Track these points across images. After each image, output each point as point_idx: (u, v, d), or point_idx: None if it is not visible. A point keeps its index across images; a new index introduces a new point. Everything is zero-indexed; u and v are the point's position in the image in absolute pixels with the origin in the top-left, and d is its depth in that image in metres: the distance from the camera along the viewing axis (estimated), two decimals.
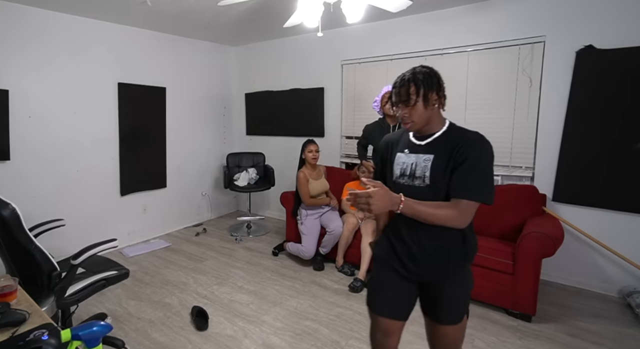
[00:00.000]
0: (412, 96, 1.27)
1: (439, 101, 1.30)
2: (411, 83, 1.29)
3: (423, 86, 1.28)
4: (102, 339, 1.02)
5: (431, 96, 1.28)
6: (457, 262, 1.33)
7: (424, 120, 1.29)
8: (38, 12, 3.08)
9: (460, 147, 1.22)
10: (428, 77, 1.31)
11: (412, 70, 1.33)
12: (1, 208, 1.65)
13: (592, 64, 2.68)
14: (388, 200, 1.15)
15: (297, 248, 3.36)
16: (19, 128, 3.04)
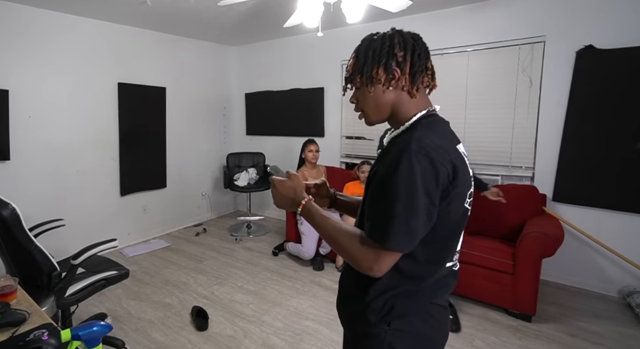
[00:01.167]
0: (354, 74, 0.89)
1: (395, 80, 0.82)
2: (354, 54, 0.90)
3: (365, 59, 0.84)
4: (102, 339, 1.02)
5: (376, 73, 0.82)
6: (357, 321, 0.89)
7: (375, 110, 0.88)
8: (38, 12, 3.08)
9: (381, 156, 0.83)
10: (374, 44, 0.84)
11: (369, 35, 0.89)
12: (1, 208, 1.65)
13: (592, 64, 2.68)
14: (289, 198, 0.89)
15: (297, 248, 3.36)
16: (19, 128, 3.04)
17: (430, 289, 0.84)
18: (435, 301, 0.87)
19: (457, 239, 0.87)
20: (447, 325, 0.94)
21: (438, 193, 0.74)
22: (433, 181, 0.73)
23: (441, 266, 0.84)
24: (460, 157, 0.80)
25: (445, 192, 0.75)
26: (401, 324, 0.83)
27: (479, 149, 3.28)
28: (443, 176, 0.74)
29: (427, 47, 0.86)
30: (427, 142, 0.75)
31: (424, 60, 0.84)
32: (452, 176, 0.75)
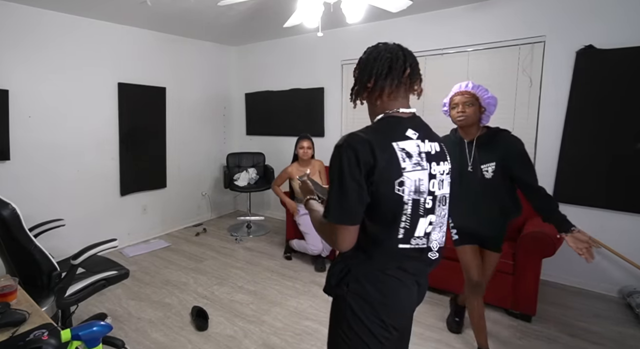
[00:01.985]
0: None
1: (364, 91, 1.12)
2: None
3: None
4: (102, 339, 1.02)
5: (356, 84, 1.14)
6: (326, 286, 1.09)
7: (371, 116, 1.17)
8: (38, 12, 3.08)
9: None
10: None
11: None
12: (1, 208, 1.65)
13: (592, 64, 2.68)
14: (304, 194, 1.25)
15: (303, 246, 3.37)
16: (19, 128, 3.04)
17: (381, 261, 1.00)
18: (389, 273, 1.01)
19: (398, 224, 0.97)
20: (407, 298, 1.05)
21: (363, 178, 0.92)
22: (356, 168, 0.92)
23: (387, 244, 0.98)
24: (390, 150, 0.96)
25: (368, 177, 0.93)
26: (356, 287, 1.01)
27: None
28: (365, 164, 0.92)
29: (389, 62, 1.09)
30: (355, 138, 0.97)
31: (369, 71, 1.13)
32: (373, 165, 0.92)
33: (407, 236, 0.99)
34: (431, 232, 1.04)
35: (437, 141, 1.06)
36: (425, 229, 1.02)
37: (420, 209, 0.99)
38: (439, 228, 1.06)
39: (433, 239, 1.05)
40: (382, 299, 1.00)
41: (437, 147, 1.04)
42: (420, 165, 0.98)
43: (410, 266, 1.03)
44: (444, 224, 1.09)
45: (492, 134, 1.78)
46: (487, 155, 1.76)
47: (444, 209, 1.06)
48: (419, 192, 0.97)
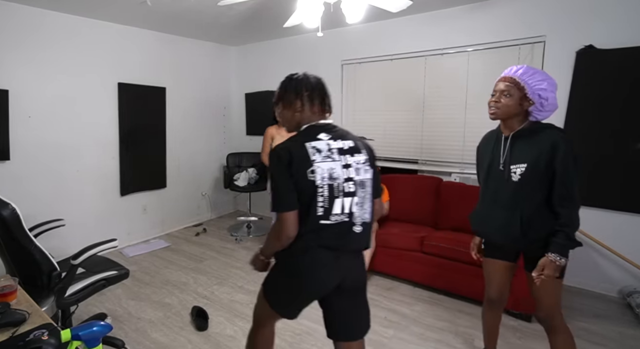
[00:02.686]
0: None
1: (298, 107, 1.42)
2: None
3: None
4: (102, 339, 1.02)
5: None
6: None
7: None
8: (38, 12, 3.08)
9: None
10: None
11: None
12: (1, 208, 1.65)
13: (592, 64, 2.68)
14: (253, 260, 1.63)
15: None
16: (19, 128, 3.04)
17: (308, 236, 1.25)
18: (319, 244, 1.25)
19: (316, 204, 1.22)
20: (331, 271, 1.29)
21: (287, 173, 1.21)
22: (283, 168, 1.21)
23: (312, 221, 1.23)
24: (303, 148, 1.24)
25: (290, 172, 1.21)
26: (290, 253, 1.30)
27: None
28: (285, 163, 1.21)
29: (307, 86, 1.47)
30: (279, 146, 1.26)
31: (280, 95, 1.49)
32: (289, 163, 1.21)
33: (326, 214, 1.23)
34: (354, 210, 1.28)
35: (351, 140, 1.35)
36: (345, 207, 1.26)
37: (336, 191, 1.24)
38: (361, 207, 1.29)
39: (356, 215, 1.29)
40: (311, 264, 1.27)
41: (350, 144, 1.33)
42: (330, 157, 1.25)
43: (333, 241, 1.26)
44: (366, 203, 1.31)
45: (534, 130, 1.48)
46: (521, 154, 1.49)
47: (366, 191, 1.31)
48: (332, 179, 1.24)
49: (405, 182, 3.40)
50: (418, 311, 2.56)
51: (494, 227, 1.62)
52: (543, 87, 1.43)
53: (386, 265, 3.02)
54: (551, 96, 1.44)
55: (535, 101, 1.46)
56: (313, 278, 1.28)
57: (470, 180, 3.27)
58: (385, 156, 3.86)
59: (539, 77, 1.46)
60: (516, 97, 1.49)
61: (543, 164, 1.44)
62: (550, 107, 1.47)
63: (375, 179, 1.35)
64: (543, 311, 1.63)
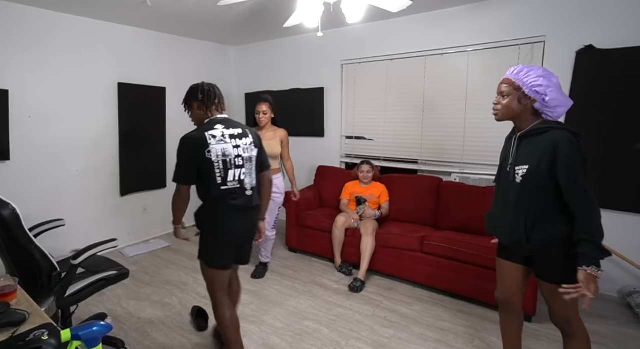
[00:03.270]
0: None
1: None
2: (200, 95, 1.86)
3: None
4: (102, 339, 1.02)
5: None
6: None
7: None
8: (38, 12, 3.08)
9: None
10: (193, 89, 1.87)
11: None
12: (1, 208, 1.65)
13: (592, 64, 2.68)
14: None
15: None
16: (19, 128, 3.04)
17: (214, 200, 1.75)
18: (224, 204, 1.75)
19: (216, 175, 1.71)
20: (235, 224, 1.80)
21: (189, 156, 1.70)
22: (186, 150, 1.70)
23: (214, 188, 1.72)
24: (203, 136, 1.71)
25: (192, 155, 1.69)
26: (205, 217, 1.81)
27: (479, 149, 3.27)
28: (190, 149, 1.70)
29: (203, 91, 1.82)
30: (187, 136, 1.72)
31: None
32: (193, 148, 1.69)
33: (224, 181, 1.72)
34: (244, 178, 1.78)
35: (240, 128, 1.82)
36: (236, 176, 1.75)
37: (229, 165, 1.73)
38: (249, 176, 1.81)
39: (246, 182, 1.79)
40: (222, 223, 1.77)
41: (239, 131, 1.80)
42: (223, 141, 1.73)
43: (235, 202, 1.75)
44: (253, 173, 1.83)
45: (541, 130, 1.43)
46: (525, 156, 1.47)
47: (252, 164, 1.82)
48: (225, 155, 1.72)
49: (405, 182, 3.40)
50: (418, 311, 2.56)
51: (501, 228, 1.61)
52: (539, 84, 1.40)
53: (386, 265, 3.02)
54: (550, 92, 1.39)
55: (536, 98, 1.42)
56: (226, 229, 1.77)
57: (470, 180, 3.28)
58: (385, 156, 3.86)
59: (535, 74, 1.43)
60: (514, 96, 1.47)
61: (544, 166, 1.39)
62: (555, 103, 1.40)
63: (259, 156, 1.86)
64: (558, 316, 1.56)
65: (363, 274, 2.94)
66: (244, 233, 1.87)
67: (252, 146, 1.83)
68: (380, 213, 3.25)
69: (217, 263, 1.82)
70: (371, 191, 3.37)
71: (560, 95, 1.40)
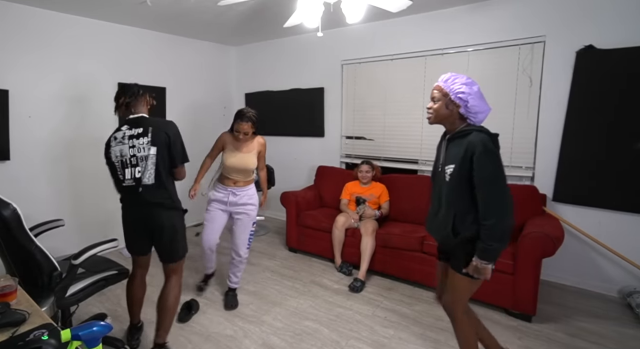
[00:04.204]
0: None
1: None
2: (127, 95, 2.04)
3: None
4: (102, 339, 1.02)
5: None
6: None
7: None
8: (38, 12, 3.08)
9: None
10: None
11: None
12: (2, 208, 1.65)
13: (592, 64, 2.68)
14: None
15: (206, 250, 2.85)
16: (19, 128, 3.04)
17: (122, 195, 1.98)
18: (126, 200, 1.97)
19: (117, 174, 1.90)
20: (136, 216, 1.96)
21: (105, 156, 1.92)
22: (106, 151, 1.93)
23: (119, 185, 1.93)
24: (108, 139, 1.96)
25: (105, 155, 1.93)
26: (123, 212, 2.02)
27: None
28: (106, 149, 1.93)
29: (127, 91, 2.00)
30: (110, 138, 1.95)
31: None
32: (106, 147, 1.93)
33: (123, 179, 1.88)
34: (140, 176, 1.87)
35: (142, 127, 1.87)
36: (132, 174, 1.87)
37: (125, 164, 1.87)
38: (145, 173, 1.87)
39: (142, 180, 1.87)
40: (124, 218, 2.00)
41: (139, 131, 1.86)
42: (122, 142, 1.87)
43: (130, 196, 1.92)
44: (147, 172, 1.87)
45: (465, 132, 1.56)
46: (452, 156, 1.58)
47: (146, 163, 1.86)
48: (122, 156, 1.87)
49: (405, 182, 3.40)
50: (418, 311, 2.56)
51: (434, 227, 1.70)
52: (462, 91, 1.53)
53: (386, 265, 3.02)
54: (471, 99, 1.51)
55: (460, 104, 1.55)
56: (129, 220, 1.97)
57: None
58: (385, 156, 3.86)
59: (460, 81, 1.56)
60: (443, 102, 1.61)
61: (466, 165, 1.50)
62: (476, 109, 1.53)
63: (161, 153, 1.88)
64: (446, 301, 1.75)
65: (363, 274, 2.94)
66: (145, 227, 1.94)
67: (149, 145, 1.86)
68: (380, 213, 3.25)
69: (129, 248, 2.07)
70: (371, 191, 3.37)
71: (480, 102, 1.54)
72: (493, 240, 1.44)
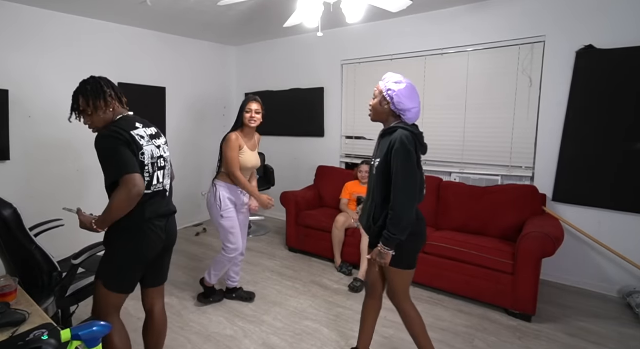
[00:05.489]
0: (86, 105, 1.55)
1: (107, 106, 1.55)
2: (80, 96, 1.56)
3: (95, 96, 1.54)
4: (102, 339, 1.02)
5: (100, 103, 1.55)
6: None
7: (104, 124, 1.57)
8: (38, 12, 3.08)
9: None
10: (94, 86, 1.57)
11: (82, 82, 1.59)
12: (2, 208, 1.65)
13: (592, 64, 2.68)
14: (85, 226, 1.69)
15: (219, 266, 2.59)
16: (19, 128, 3.04)
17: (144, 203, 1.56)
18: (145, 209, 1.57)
19: (146, 176, 1.52)
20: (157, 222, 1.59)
21: (127, 149, 1.45)
22: (121, 144, 1.44)
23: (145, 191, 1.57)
24: (132, 135, 1.49)
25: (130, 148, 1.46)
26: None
27: (479, 149, 3.28)
28: (126, 142, 1.45)
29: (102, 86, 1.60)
30: (113, 130, 1.47)
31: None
32: (130, 141, 1.47)
33: (148, 185, 1.53)
34: (164, 180, 1.63)
35: (153, 127, 1.66)
36: (161, 178, 1.60)
37: (157, 167, 1.57)
38: (167, 177, 1.66)
39: (165, 183, 1.64)
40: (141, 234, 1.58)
41: (153, 131, 1.63)
42: (149, 143, 1.56)
43: (158, 205, 1.59)
44: (169, 175, 1.69)
45: (391, 130, 1.65)
46: (381, 151, 1.68)
47: (169, 165, 1.68)
48: (153, 158, 1.55)
49: None
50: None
51: (361, 217, 1.82)
52: (392, 89, 1.62)
53: None
54: (396, 96, 1.60)
55: (389, 101, 1.64)
56: (146, 236, 1.56)
57: (470, 180, 3.28)
58: None
59: (392, 80, 1.66)
60: (378, 99, 1.70)
61: (388, 159, 1.61)
62: (402, 106, 1.61)
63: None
64: (388, 292, 1.82)
65: (363, 274, 2.94)
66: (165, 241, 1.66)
67: (166, 145, 1.69)
68: None
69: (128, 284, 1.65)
70: None
71: (407, 100, 1.61)
72: (393, 228, 1.55)
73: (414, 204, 1.57)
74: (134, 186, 1.39)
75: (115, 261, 1.55)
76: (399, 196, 1.54)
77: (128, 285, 1.59)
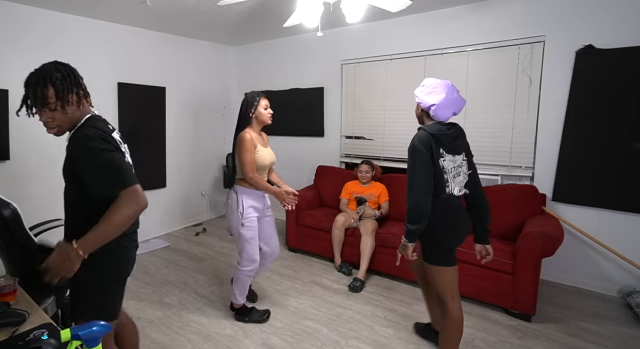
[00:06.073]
0: (53, 99, 1.25)
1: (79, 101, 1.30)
2: (50, 84, 1.24)
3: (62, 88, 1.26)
4: (102, 339, 1.02)
5: (72, 97, 1.28)
6: None
7: (69, 124, 1.35)
8: (38, 12, 3.08)
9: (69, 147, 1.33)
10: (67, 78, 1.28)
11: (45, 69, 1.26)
12: (2, 208, 1.65)
13: (592, 64, 2.68)
14: (67, 261, 1.14)
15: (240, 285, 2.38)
16: (19, 128, 3.04)
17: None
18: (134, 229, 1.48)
19: None
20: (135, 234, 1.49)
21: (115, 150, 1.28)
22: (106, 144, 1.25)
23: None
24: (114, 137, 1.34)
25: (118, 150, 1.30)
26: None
27: (479, 149, 3.25)
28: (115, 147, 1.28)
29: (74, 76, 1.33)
30: (94, 132, 1.27)
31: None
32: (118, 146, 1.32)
33: None
34: None
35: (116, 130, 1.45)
36: None
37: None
38: None
39: None
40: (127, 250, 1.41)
41: (120, 134, 1.47)
42: (124, 150, 1.43)
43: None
44: None
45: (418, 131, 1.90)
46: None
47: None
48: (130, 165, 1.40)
49: (405, 183, 3.40)
50: (418, 311, 2.56)
51: None
52: (417, 94, 1.90)
53: (386, 265, 3.02)
54: (418, 99, 1.88)
55: (417, 104, 1.94)
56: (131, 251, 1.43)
57: None
58: (385, 156, 3.86)
59: (420, 86, 1.88)
60: (416, 106, 1.98)
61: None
62: (425, 104, 1.85)
63: None
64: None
65: (363, 274, 2.94)
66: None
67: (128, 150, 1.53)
68: (380, 213, 3.25)
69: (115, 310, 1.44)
70: (371, 190, 3.37)
71: (428, 97, 1.78)
72: (409, 222, 1.65)
73: (421, 200, 1.63)
74: (143, 199, 1.19)
75: (102, 290, 1.32)
76: (407, 192, 1.66)
77: (118, 311, 1.42)
